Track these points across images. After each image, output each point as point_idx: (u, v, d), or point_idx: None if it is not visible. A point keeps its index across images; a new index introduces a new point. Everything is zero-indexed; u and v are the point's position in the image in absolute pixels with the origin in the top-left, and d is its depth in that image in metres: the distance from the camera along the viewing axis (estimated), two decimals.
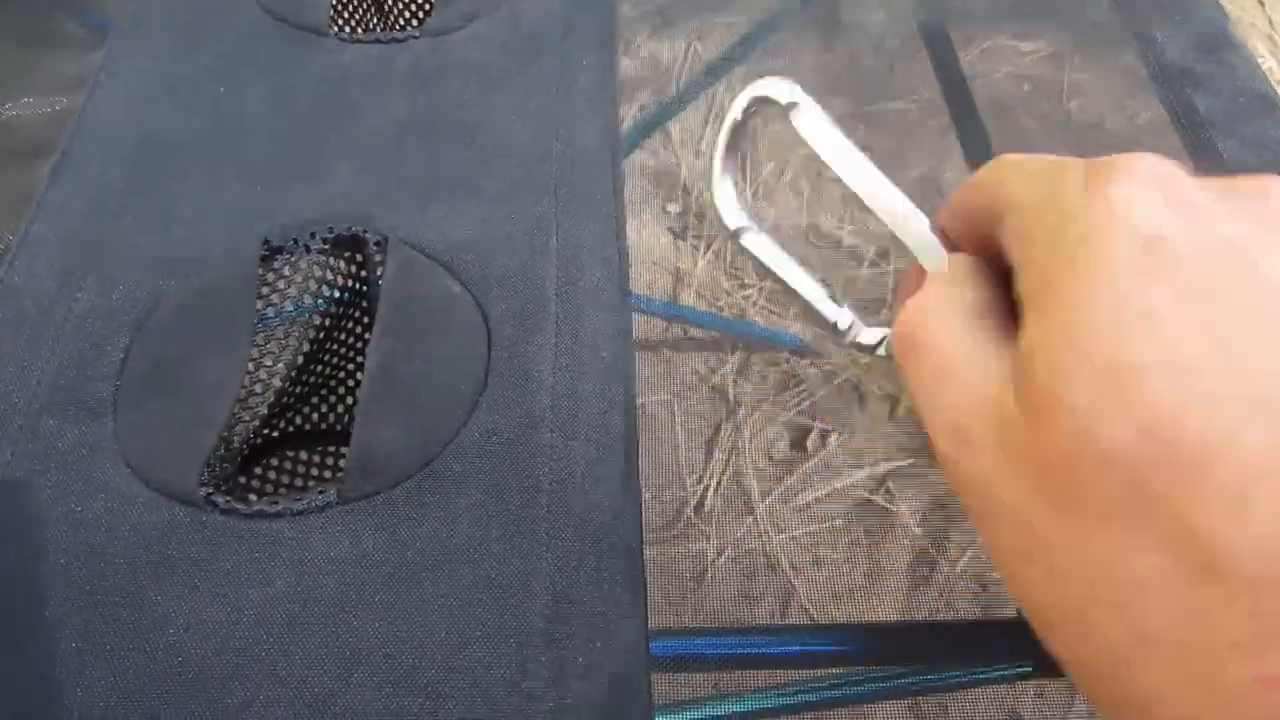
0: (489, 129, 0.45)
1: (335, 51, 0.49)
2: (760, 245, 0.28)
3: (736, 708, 0.47)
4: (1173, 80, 0.53)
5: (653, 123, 0.94)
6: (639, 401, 0.39)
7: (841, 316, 0.26)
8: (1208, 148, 0.50)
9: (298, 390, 0.44)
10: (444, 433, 0.35)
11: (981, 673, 0.44)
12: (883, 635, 0.46)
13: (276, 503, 0.34)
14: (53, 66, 0.57)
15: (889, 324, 0.24)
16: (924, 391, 0.20)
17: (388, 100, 0.47)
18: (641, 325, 1.14)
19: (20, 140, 0.55)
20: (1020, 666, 0.41)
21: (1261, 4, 1.60)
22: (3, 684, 0.30)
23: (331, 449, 0.48)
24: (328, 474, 0.47)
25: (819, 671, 0.47)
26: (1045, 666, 0.41)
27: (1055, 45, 1.50)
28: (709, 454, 1.11)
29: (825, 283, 0.27)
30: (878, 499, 1.08)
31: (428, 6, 0.58)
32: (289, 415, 0.47)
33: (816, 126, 0.26)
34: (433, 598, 0.32)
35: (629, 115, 1.35)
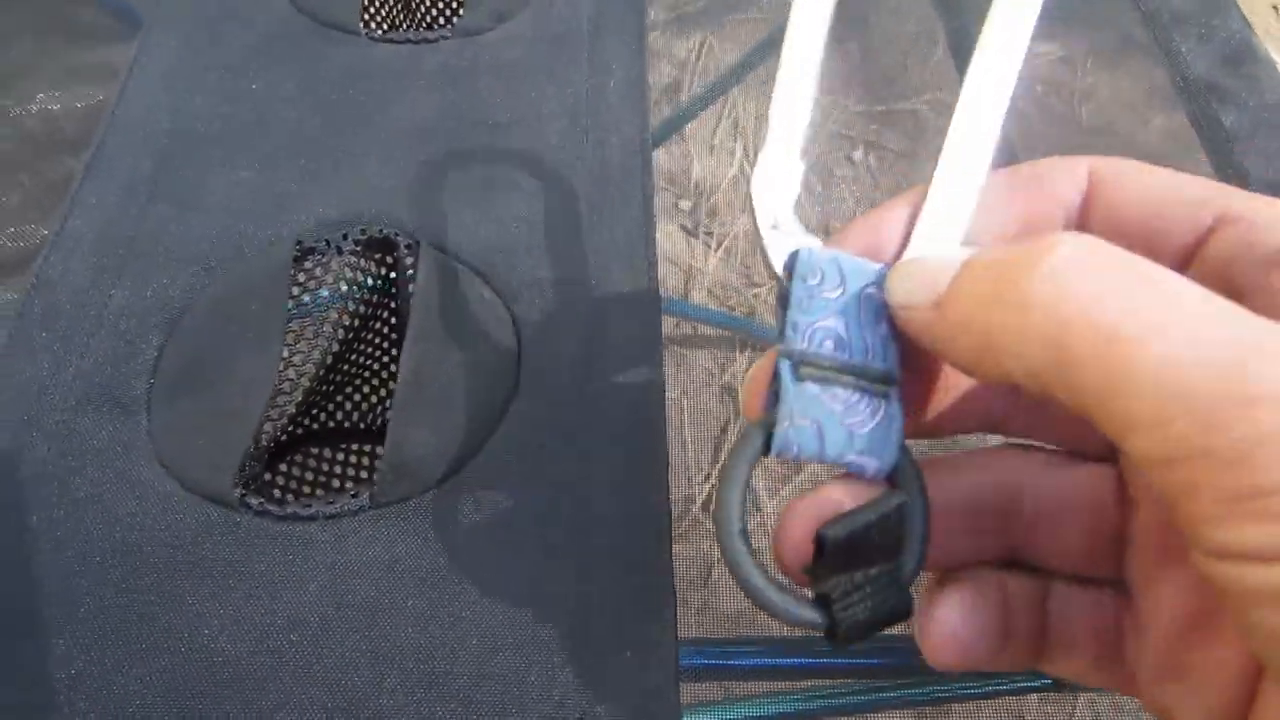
0: (519, 131, 0.45)
1: (365, 50, 0.49)
2: None
3: (745, 713, 0.48)
4: (1198, 94, 0.53)
5: (669, 126, 0.94)
6: None
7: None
8: (1233, 162, 0.50)
9: (324, 389, 0.45)
10: (476, 439, 0.36)
11: (995, 685, 0.44)
12: (895, 646, 0.46)
13: (309, 505, 0.34)
14: (81, 59, 0.58)
15: None
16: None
17: (417, 99, 0.47)
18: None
19: (50, 133, 0.55)
20: (1038, 679, 0.41)
21: (1277, 11, 1.60)
22: (37, 680, 0.31)
23: (356, 447, 0.48)
24: (351, 472, 0.48)
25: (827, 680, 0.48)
26: (1061, 682, 0.41)
27: (1069, 49, 1.50)
28: (716, 451, 1.11)
29: None
30: None
31: (455, 5, 0.58)
32: (313, 413, 0.48)
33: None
34: (464, 604, 0.32)
35: None
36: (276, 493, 0.45)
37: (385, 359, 0.48)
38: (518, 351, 0.38)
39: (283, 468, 0.46)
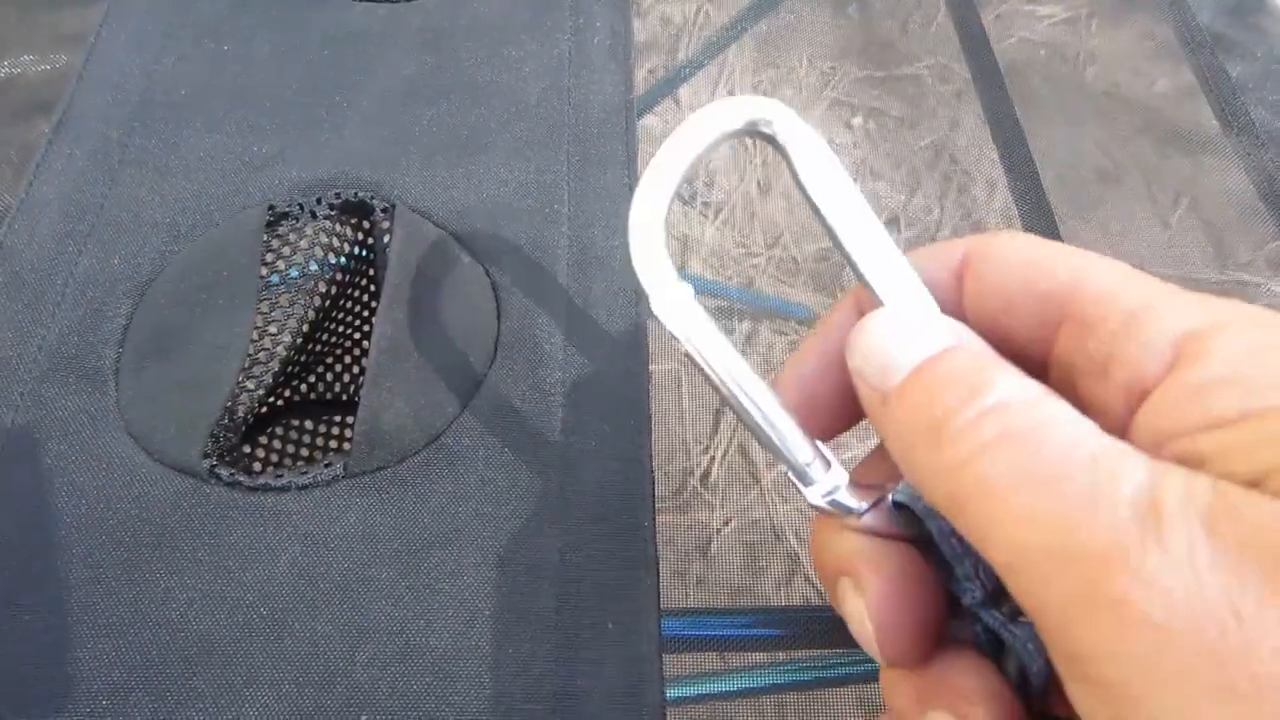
0: (499, 91, 0.44)
1: (343, 9, 0.47)
2: (702, 334, 0.19)
3: (743, 684, 0.47)
4: (1203, 46, 0.52)
5: (662, 88, 0.92)
6: None
7: (814, 467, 0.20)
8: (1239, 114, 0.48)
9: (302, 359, 0.44)
10: (452, 406, 0.34)
11: None
12: None
13: (281, 475, 0.33)
14: (52, 22, 0.56)
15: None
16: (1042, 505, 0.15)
17: (396, 61, 0.45)
18: None
19: (19, 98, 0.53)
20: None
21: None
22: (4, 657, 0.30)
23: (337, 418, 0.47)
24: (333, 444, 0.47)
25: (824, 651, 0.47)
26: None
27: (1072, 10, 1.48)
28: (715, 424, 1.10)
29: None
30: None
31: None
32: (293, 384, 0.47)
33: (815, 165, 0.19)
34: (441, 575, 0.31)
35: (639, 79, 1.33)
36: (256, 465, 0.44)
37: (366, 327, 0.47)
38: (497, 317, 0.37)
39: (262, 440, 0.45)
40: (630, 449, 0.34)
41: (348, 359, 0.48)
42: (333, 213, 0.40)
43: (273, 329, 0.41)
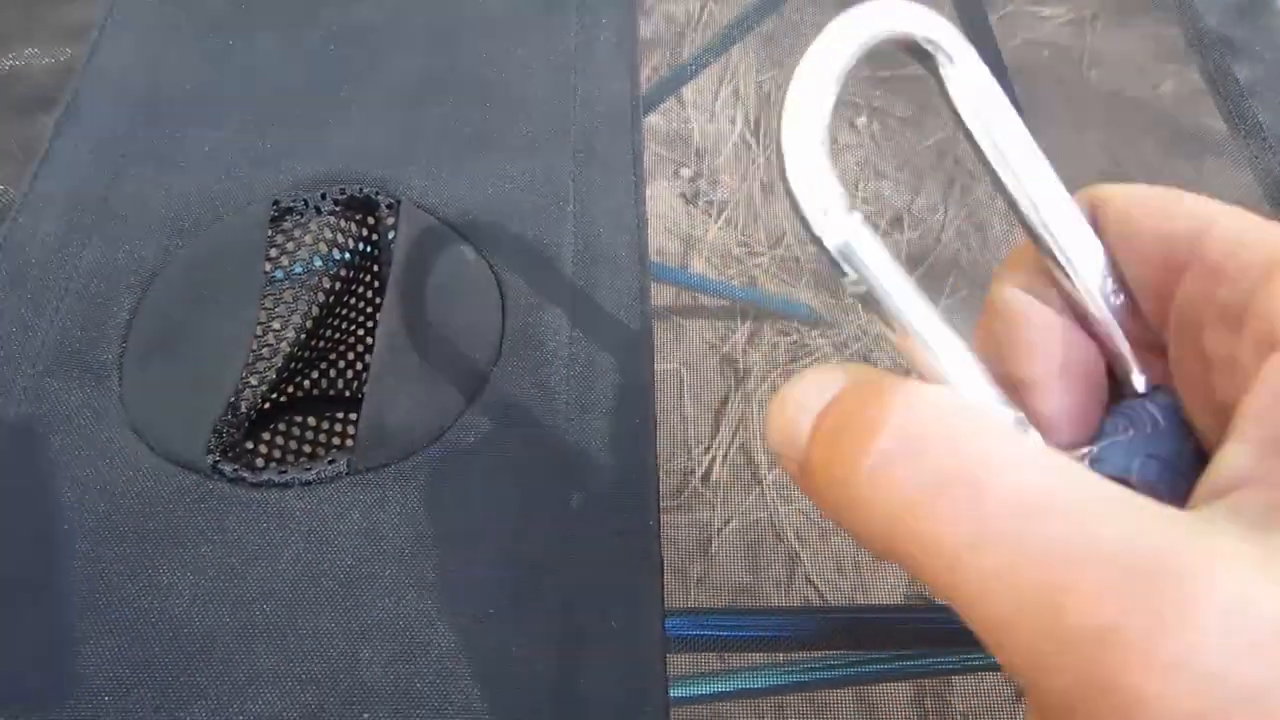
0: (506, 88, 0.44)
1: (349, 5, 0.47)
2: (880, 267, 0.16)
3: (743, 684, 0.47)
4: (1211, 48, 0.52)
5: (666, 87, 0.92)
6: None
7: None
8: (1247, 117, 0.48)
9: (306, 355, 0.43)
10: (457, 403, 0.34)
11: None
12: (891, 616, 0.45)
13: (285, 472, 0.33)
14: (56, 15, 0.56)
15: None
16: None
17: (402, 57, 0.45)
18: (652, 291, 1.13)
19: (24, 91, 0.53)
20: None
21: None
22: (6, 652, 0.30)
23: (341, 415, 0.47)
24: (337, 440, 0.47)
25: (825, 652, 0.47)
26: None
27: (1077, 11, 1.47)
28: (717, 424, 1.10)
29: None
30: None
31: None
32: (298, 380, 0.47)
33: (976, 89, 0.17)
34: (444, 573, 0.31)
35: (643, 77, 1.32)
36: (260, 461, 0.44)
37: (370, 324, 0.46)
38: (502, 314, 0.37)
39: (266, 436, 0.45)
40: (635, 448, 0.34)
41: (351, 355, 0.47)
42: (338, 208, 0.40)
43: (277, 325, 0.41)
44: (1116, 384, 0.19)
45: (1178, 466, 0.17)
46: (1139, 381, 0.18)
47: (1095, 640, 0.11)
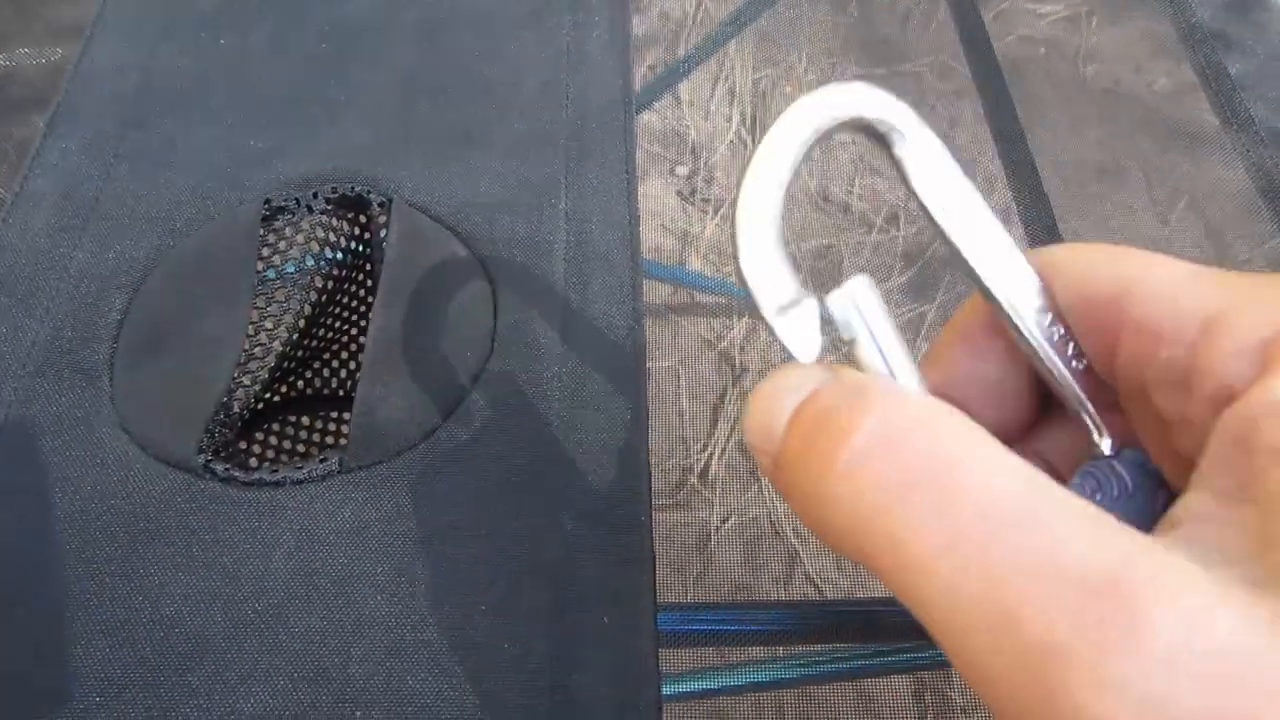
0: (498, 86, 0.44)
1: (340, 2, 0.47)
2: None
3: (742, 679, 0.47)
4: (1203, 42, 0.52)
5: (662, 84, 0.92)
6: None
7: None
8: (1239, 111, 0.48)
9: (299, 354, 0.43)
10: (449, 401, 0.34)
11: None
12: (888, 609, 0.45)
13: (276, 470, 0.33)
14: (48, 15, 0.56)
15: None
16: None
17: (394, 54, 0.45)
18: (648, 290, 1.13)
19: (15, 92, 0.53)
20: None
21: None
22: None
23: (334, 414, 0.47)
24: (330, 440, 0.47)
25: (822, 646, 0.47)
26: None
27: (1072, 8, 1.47)
28: (714, 420, 1.10)
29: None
30: None
31: None
32: (290, 379, 0.47)
33: (931, 165, 0.17)
34: (436, 571, 0.31)
35: (638, 75, 1.32)
36: (253, 461, 0.44)
37: (363, 323, 0.46)
38: (494, 312, 0.37)
39: (259, 435, 0.45)
40: (627, 444, 0.34)
41: (344, 354, 0.47)
42: (329, 207, 0.40)
43: (269, 324, 0.41)
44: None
45: (1146, 528, 0.17)
46: (1104, 445, 0.18)
47: (1046, 656, 0.11)
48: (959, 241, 0.17)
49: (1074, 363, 0.18)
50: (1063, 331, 0.17)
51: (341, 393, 0.48)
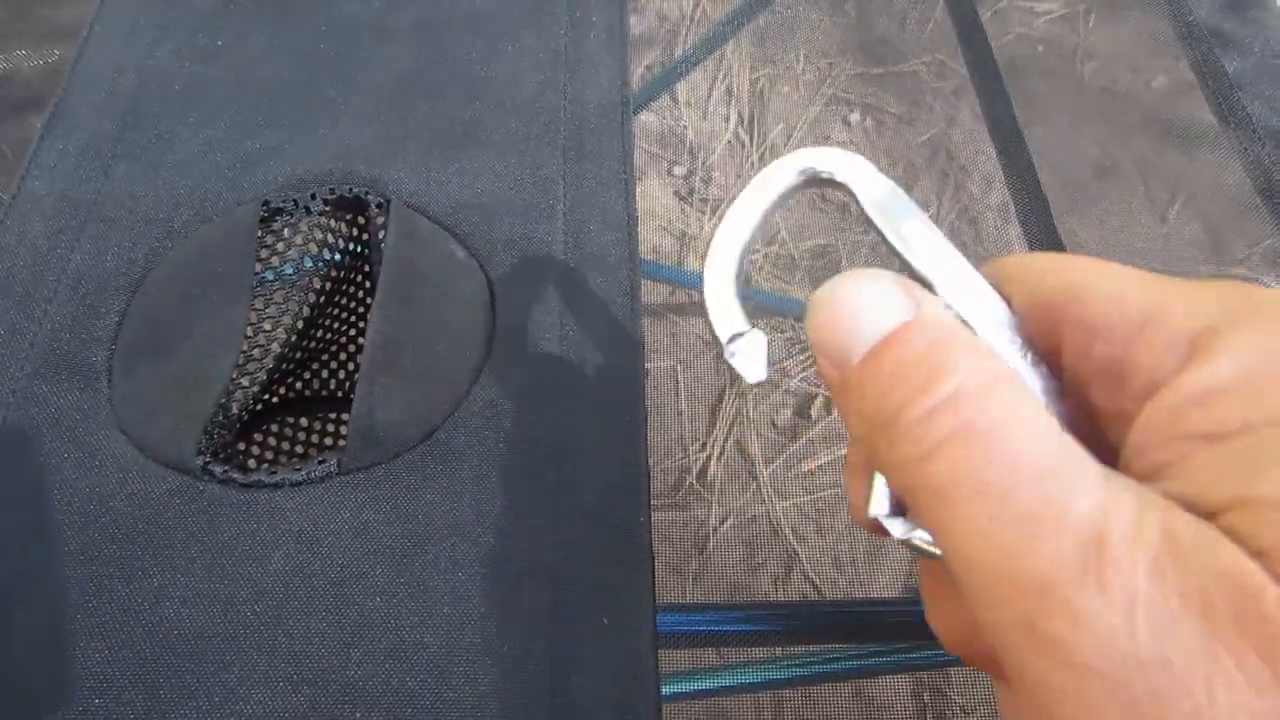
0: (495, 86, 0.44)
1: (337, 3, 0.47)
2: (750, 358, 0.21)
3: (741, 679, 0.47)
4: (1200, 40, 0.52)
5: (660, 84, 0.92)
6: None
7: None
8: (1236, 109, 0.48)
9: (297, 355, 0.43)
10: (447, 402, 0.34)
11: None
12: (887, 609, 0.45)
13: (275, 472, 0.33)
14: (46, 16, 0.56)
15: None
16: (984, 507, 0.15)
17: (391, 55, 0.45)
18: (646, 290, 1.13)
19: (13, 93, 0.53)
20: None
21: None
22: None
23: (333, 415, 0.47)
24: (329, 441, 0.47)
25: (820, 646, 0.47)
26: None
27: (1070, 6, 1.47)
28: (712, 421, 1.10)
29: None
30: None
31: None
32: (289, 381, 0.47)
33: (886, 202, 0.20)
34: (435, 572, 0.31)
35: (636, 75, 1.32)
36: (251, 462, 0.44)
37: (361, 324, 0.46)
38: (492, 313, 0.37)
39: (257, 437, 0.45)
40: (626, 445, 0.34)
41: (343, 355, 0.47)
42: (327, 208, 0.40)
43: (267, 325, 0.41)
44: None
45: None
46: None
47: (1034, 588, 0.14)
48: (910, 259, 0.19)
49: (1033, 367, 0.19)
50: (1021, 341, 0.19)
51: (340, 394, 0.48)
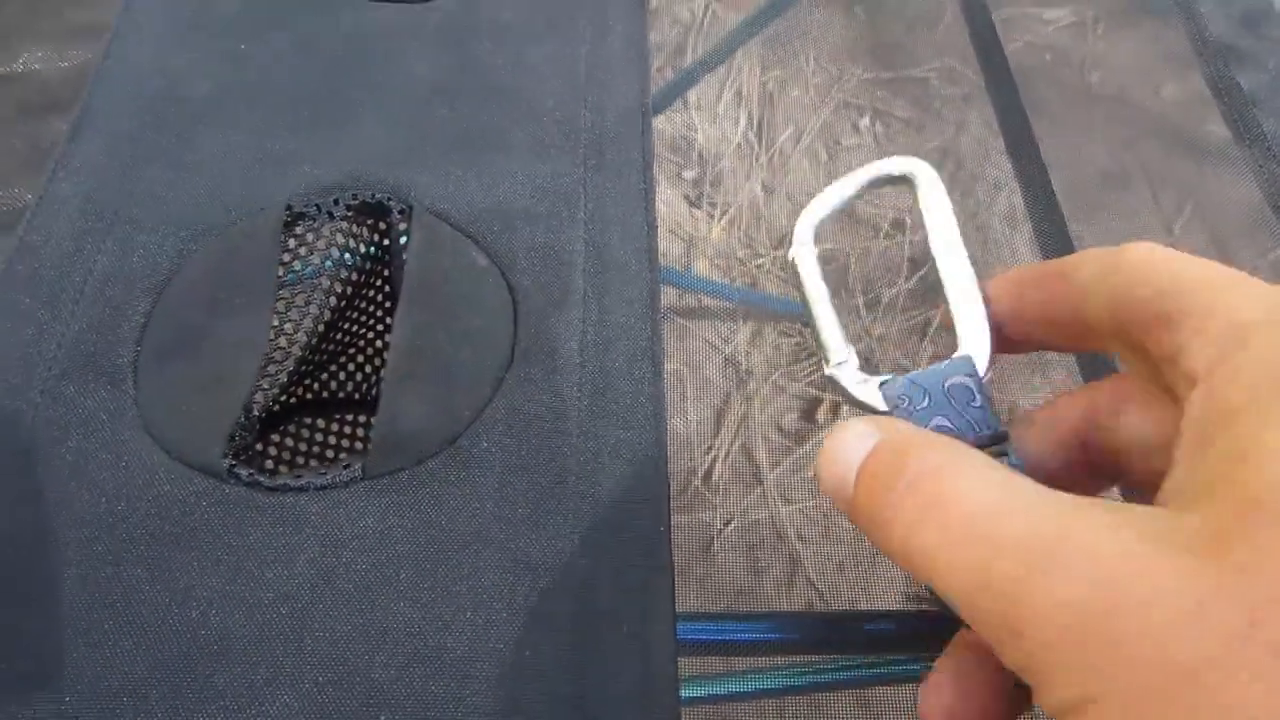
0: (517, 94, 0.44)
1: (362, 9, 0.47)
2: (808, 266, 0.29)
3: (751, 686, 0.47)
4: (1216, 56, 0.52)
5: (674, 90, 0.92)
6: None
7: (842, 353, 0.26)
8: (1251, 125, 0.48)
9: (316, 358, 0.44)
10: (470, 409, 0.35)
11: None
12: (892, 619, 0.45)
13: (300, 476, 0.33)
14: (64, 17, 0.56)
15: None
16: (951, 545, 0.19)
17: (414, 61, 0.45)
18: None
19: (32, 94, 0.54)
20: None
21: None
22: (25, 653, 0.30)
23: (349, 417, 0.47)
24: (345, 443, 0.47)
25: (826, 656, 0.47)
26: None
27: (1079, 15, 1.48)
28: (718, 424, 1.11)
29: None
30: None
31: None
32: (306, 382, 0.47)
33: (939, 203, 0.27)
34: (458, 578, 0.31)
35: None
36: (269, 463, 0.45)
37: (380, 327, 0.47)
38: (514, 319, 0.37)
39: (275, 438, 0.45)
40: (647, 453, 0.34)
41: (360, 358, 0.48)
42: (350, 214, 0.41)
43: (288, 328, 0.41)
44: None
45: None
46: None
47: (1006, 593, 0.17)
48: (937, 252, 0.26)
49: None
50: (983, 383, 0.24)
51: (357, 396, 0.48)
